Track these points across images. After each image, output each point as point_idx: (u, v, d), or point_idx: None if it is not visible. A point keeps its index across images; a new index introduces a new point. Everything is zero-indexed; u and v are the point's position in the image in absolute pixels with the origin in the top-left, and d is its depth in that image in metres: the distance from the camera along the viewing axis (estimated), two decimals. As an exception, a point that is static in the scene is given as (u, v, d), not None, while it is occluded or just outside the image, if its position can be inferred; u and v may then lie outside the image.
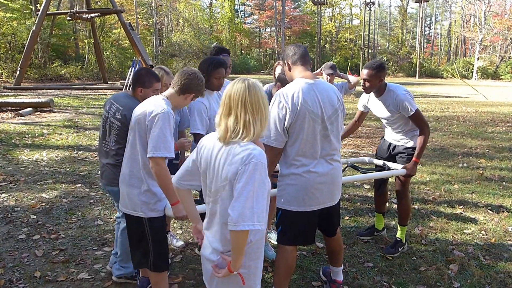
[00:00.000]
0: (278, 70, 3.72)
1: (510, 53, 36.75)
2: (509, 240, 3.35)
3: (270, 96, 2.85)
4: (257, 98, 1.51)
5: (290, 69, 2.24)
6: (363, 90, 3.00)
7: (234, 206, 1.41)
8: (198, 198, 2.77)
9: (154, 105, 2.00)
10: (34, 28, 16.43)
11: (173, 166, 2.88)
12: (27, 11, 21.41)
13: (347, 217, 3.83)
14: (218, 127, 1.54)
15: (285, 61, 2.24)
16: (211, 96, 2.93)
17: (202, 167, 1.60)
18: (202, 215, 3.16)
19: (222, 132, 1.50)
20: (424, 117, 2.90)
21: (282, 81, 2.69)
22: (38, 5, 19.35)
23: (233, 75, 29.62)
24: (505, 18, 36.68)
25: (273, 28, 46.31)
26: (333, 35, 45.51)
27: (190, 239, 3.33)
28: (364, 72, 2.89)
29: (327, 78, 3.82)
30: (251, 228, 1.40)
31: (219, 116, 1.54)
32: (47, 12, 17.27)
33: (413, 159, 2.89)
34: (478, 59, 36.30)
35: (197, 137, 2.77)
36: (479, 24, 37.96)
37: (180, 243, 3.16)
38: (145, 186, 2.04)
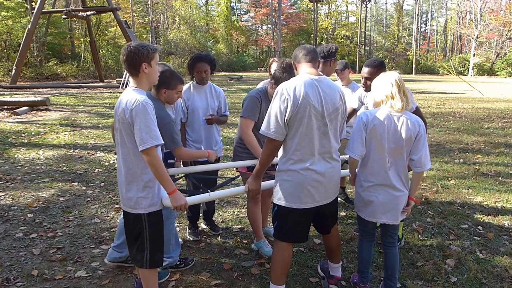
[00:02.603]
0: (273, 66, 3.71)
1: (505, 50, 36.91)
2: (505, 234, 3.37)
3: (265, 93, 2.84)
4: None
5: (296, 68, 2.27)
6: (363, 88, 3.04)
7: (421, 155, 2.20)
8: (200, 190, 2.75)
9: (128, 100, 1.97)
10: (29, 27, 16.32)
11: (169, 165, 2.87)
12: (22, 10, 21.25)
13: (344, 213, 3.84)
14: (390, 101, 2.19)
15: (293, 62, 2.31)
16: (197, 91, 3.08)
17: (377, 134, 2.20)
18: (197, 206, 3.25)
19: (401, 104, 2.17)
20: (422, 113, 2.93)
21: (277, 79, 2.67)
22: (33, 4, 19.21)
23: (230, 73, 29.56)
24: (501, 14, 36.81)
25: (269, 26, 46.23)
26: (330, 32, 45.52)
27: (187, 236, 3.33)
28: (365, 70, 2.91)
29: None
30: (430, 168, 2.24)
31: (391, 94, 2.18)
32: (43, 10, 17.14)
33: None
34: (474, 55, 36.44)
35: None
36: (475, 20, 38.10)
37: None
38: (142, 182, 2.03)
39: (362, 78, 2.95)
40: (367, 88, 2.93)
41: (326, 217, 2.35)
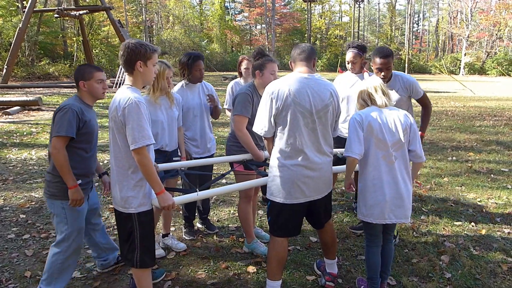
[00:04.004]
0: (244, 65, 3.76)
1: (496, 49, 37.35)
2: (498, 230, 3.41)
3: (254, 87, 2.83)
4: None
5: (292, 68, 2.30)
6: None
7: (418, 145, 2.29)
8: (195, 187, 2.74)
9: (121, 98, 1.95)
10: (20, 26, 16.09)
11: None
12: (13, 8, 20.97)
13: (340, 211, 3.86)
14: (379, 100, 2.29)
15: (290, 62, 2.33)
16: (190, 89, 3.14)
17: (374, 130, 2.22)
18: (190, 204, 3.25)
19: (381, 100, 2.29)
20: (428, 98, 3.14)
21: (258, 67, 2.73)
22: (24, 2, 18.95)
23: (224, 72, 29.48)
24: (491, 14, 37.23)
25: (263, 25, 46.22)
26: (323, 32, 45.66)
27: (183, 235, 3.31)
28: (379, 61, 2.85)
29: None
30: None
31: (367, 96, 2.32)
32: (34, 9, 16.92)
33: (420, 133, 2.97)
34: (465, 55, 36.82)
35: None
36: (466, 20, 38.50)
37: (182, 245, 3.10)
38: (133, 181, 2.01)
39: (376, 69, 2.90)
40: (385, 78, 2.89)
41: (319, 212, 2.37)
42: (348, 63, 3.35)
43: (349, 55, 3.33)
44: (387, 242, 2.44)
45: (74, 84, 2.46)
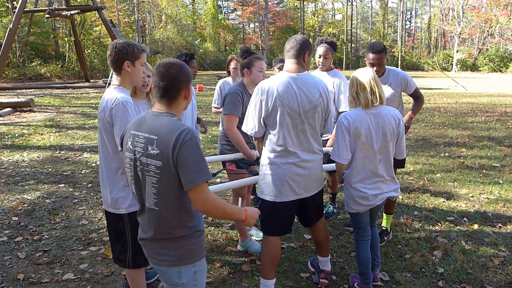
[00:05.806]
0: (232, 64, 3.78)
1: (487, 46, 37.70)
2: (489, 225, 3.45)
3: (243, 86, 2.83)
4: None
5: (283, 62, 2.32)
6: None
7: (402, 145, 2.35)
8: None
9: (109, 99, 1.95)
10: (11, 26, 15.87)
11: None
12: (4, 9, 20.72)
13: (335, 209, 3.87)
14: (357, 102, 2.23)
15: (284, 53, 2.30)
16: None
17: (360, 135, 2.21)
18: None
19: (370, 101, 2.21)
20: (420, 92, 3.15)
21: (246, 65, 2.76)
22: (15, 2, 18.71)
23: (218, 72, 29.42)
24: (482, 11, 37.56)
25: (256, 24, 46.17)
26: (316, 30, 45.73)
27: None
28: (372, 56, 2.85)
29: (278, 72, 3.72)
30: None
31: (357, 95, 2.23)
32: (25, 9, 16.71)
33: (409, 113, 3.08)
34: (457, 51, 37.14)
35: None
36: (458, 17, 38.78)
37: None
38: (122, 181, 2.01)
39: (370, 64, 2.89)
40: (378, 73, 2.86)
41: (310, 210, 2.37)
42: (320, 57, 3.27)
43: (321, 49, 3.26)
44: (371, 225, 2.51)
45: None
